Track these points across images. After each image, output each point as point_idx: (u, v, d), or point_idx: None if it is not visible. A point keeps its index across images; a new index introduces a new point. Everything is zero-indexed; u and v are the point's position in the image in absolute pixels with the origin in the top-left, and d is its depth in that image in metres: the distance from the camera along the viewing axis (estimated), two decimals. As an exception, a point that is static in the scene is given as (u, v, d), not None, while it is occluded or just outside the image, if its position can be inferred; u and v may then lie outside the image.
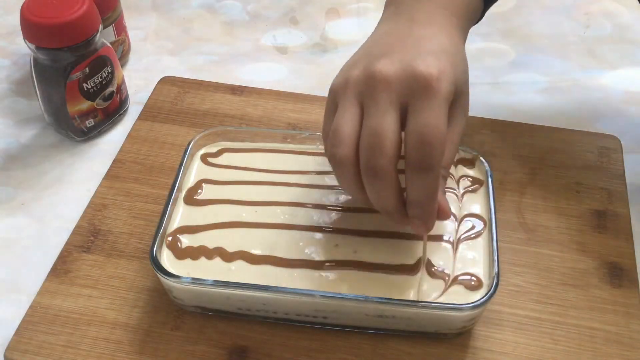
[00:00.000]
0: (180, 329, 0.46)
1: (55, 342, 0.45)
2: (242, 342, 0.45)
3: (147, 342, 0.45)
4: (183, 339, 0.45)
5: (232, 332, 0.46)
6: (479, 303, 0.42)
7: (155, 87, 0.63)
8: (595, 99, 0.63)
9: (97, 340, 0.45)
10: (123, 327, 0.46)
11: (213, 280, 0.43)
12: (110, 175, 0.55)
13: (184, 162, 0.50)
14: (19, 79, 0.65)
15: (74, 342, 0.45)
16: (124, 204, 0.53)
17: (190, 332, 0.46)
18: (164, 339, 0.45)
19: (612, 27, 0.72)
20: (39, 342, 0.45)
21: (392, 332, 0.45)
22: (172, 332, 0.46)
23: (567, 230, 0.51)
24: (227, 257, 0.45)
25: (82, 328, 0.46)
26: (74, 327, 0.46)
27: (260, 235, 0.46)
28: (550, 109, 0.62)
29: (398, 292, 0.43)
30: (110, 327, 0.46)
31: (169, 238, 0.46)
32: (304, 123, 0.59)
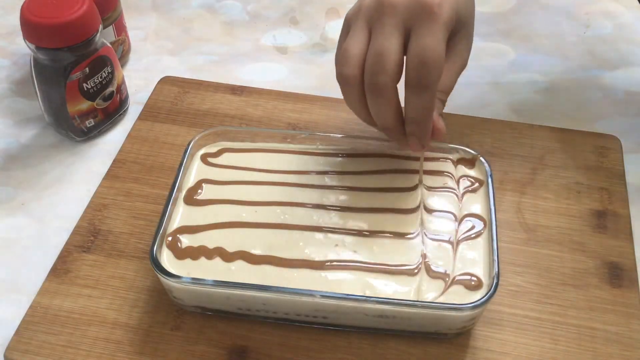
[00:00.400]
0: (180, 329, 0.46)
1: (55, 342, 0.45)
2: (242, 342, 0.45)
3: (147, 342, 0.45)
4: (183, 339, 0.45)
5: (232, 332, 0.46)
6: (479, 303, 0.42)
7: (155, 87, 0.63)
8: (595, 99, 0.63)
9: (97, 340, 0.45)
10: (123, 327, 0.46)
11: (213, 280, 0.43)
12: (110, 175, 0.55)
13: (184, 162, 0.49)
14: (19, 79, 0.65)
15: (74, 342, 0.45)
16: (124, 204, 0.53)
17: (190, 332, 0.46)
18: (164, 339, 0.45)
19: (612, 27, 0.72)
20: (39, 342, 0.45)
21: (392, 332, 0.45)
22: (172, 332, 0.46)
23: (567, 230, 0.51)
24: (227, 257, 0.45)
25: (82, 328, 0.46)
26: (74, 327, 0.46)
27: (260, 235, 0.46)
28: (550, 109, 0.62)
29: (398, 292, 0.43)
30: (110, 327, 0.46)
31: (169, 238, 0.46)
32: (304, 123, 0.59)
